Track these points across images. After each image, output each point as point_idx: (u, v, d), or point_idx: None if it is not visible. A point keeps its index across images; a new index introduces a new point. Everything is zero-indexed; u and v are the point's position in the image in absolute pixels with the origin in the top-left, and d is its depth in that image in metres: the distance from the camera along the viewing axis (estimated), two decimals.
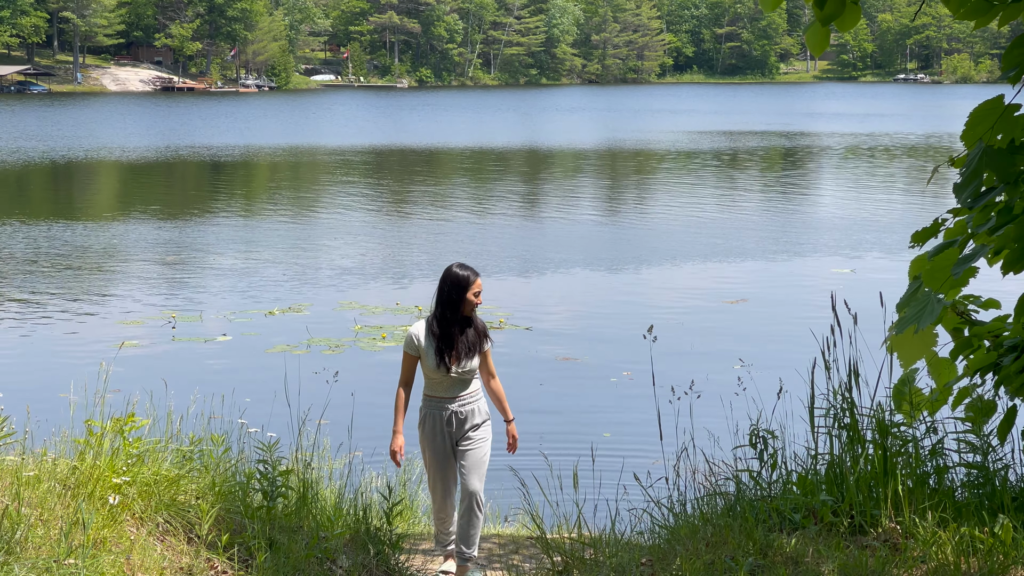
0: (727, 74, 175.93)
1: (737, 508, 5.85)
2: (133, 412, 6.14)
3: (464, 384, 6.86)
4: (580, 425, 11.40)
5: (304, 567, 5.58)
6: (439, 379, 6.79)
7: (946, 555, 5.03)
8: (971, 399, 5.76)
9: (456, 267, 6.90)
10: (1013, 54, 4.32)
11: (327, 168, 42.89)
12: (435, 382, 6.82)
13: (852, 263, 20.96)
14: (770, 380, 7.36)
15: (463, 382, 6.86)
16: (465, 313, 6.89)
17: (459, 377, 6.82)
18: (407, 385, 6.94)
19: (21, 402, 7.43)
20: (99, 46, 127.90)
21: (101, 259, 21.55)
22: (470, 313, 6.91)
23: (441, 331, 6.82)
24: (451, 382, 6.79)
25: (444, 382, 6.79)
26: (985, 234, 4.37)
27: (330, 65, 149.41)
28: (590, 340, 15.29)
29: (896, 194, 35.03)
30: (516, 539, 7.31)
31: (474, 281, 6.91)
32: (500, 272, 20.34)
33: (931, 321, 4.53)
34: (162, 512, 5.64)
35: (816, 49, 4.61)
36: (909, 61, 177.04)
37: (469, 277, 6.89)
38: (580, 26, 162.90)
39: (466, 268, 6.89)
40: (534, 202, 32.45)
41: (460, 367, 6.78)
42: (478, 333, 6.90)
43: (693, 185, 36.62)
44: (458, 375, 6.80)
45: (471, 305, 6.88)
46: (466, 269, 6.89)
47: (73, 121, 69.22)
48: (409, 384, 6.96)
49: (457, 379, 6.81)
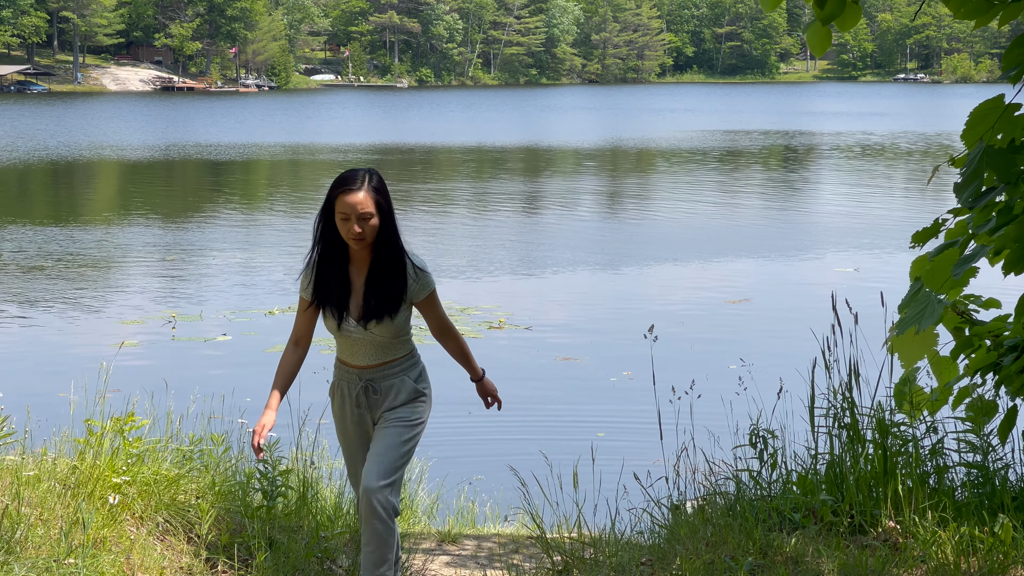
0: (727, 74, 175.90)
1: (737, 508, 5.85)
2: (133, 412, 6.14)
3: (383, 348, 4.94)
4: (580, 425, 11.40)
5: (304, 567, 5.59)
6: (345, 341, 4.98)
7: (946, 555, 5.03)
8: (972, 399, 5.76)
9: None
10: (1013, 54, 4.32)
11: (327, 167, 42.89)
12: (343, 344, 5.01)
13: (854, 262, 20.96)
14: (771, 380, 7.36)
15: (381, 346, 4.94)
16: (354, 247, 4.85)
17: (373, 339, 4.93)
18: (297, 343, 5.06)
19: (21, 402, 7.42)
20: (99, 46, 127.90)
21: (101, 259, 21.54)
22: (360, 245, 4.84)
23: (329, 275, 4.93)
24: (362, 345, 4.93)
25: (352, 345, 4.96)
26: (986, 234, 4.37)
27: (330, 65, 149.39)
28: (590, 340, 15.28)
29: (896, 194, 35.02)
30: (516, 539, 7.30)
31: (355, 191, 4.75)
32: (500, 272, 20.34)
33: (932, 322, 4.53)
34: (162, 512, 5.64)
35: (817, 49, 4.61)
36: (909, 61, 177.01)
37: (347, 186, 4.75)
38: (580, 26, 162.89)
39: (351, 172, 4.83)
40: (534, 201, 32.44)
41: (369, 327, 4.89)
42: (399, 275, 4.89)
43: (694, 184, 36.62)
44: (370, 337, 4.92)
45: (350, 233, 4.79)
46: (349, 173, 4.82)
47: (73, 121, 69.19)
48: (301, 342, 5.06)
49: (370, 341, 4.93)
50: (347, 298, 4.92)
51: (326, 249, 4.93)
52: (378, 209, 4.82)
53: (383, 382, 4.98)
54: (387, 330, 4.90)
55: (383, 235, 4.89)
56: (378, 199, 4.82)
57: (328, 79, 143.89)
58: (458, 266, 20.67)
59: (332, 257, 4.94)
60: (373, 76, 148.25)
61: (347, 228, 4.79)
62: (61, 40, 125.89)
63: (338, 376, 5.09)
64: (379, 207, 4.83)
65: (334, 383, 5.12)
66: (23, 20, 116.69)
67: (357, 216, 4.77)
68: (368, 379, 4.99)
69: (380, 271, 4.88)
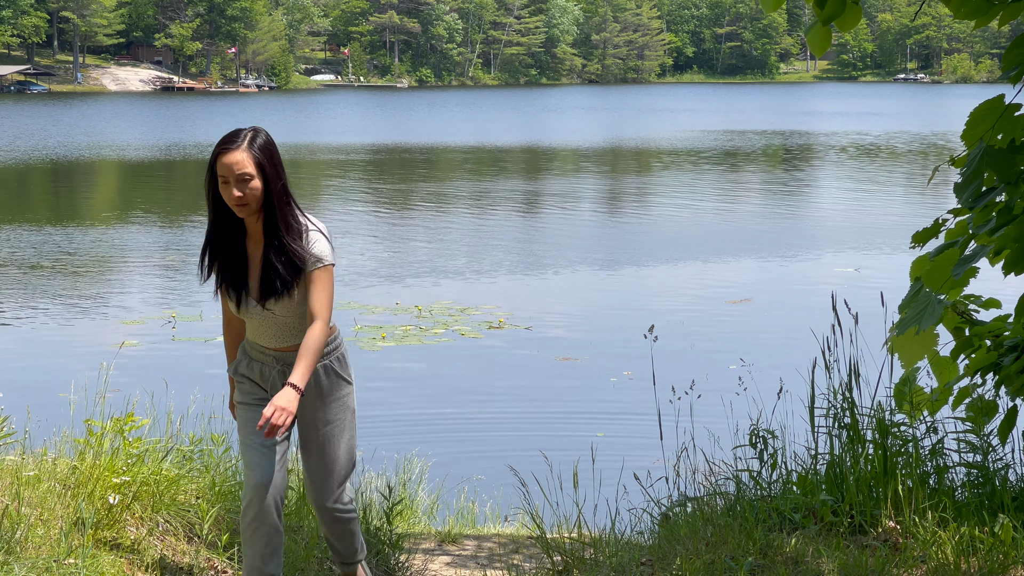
0: (727, 74, 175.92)
1: (737, 508, 5.85)
2: (133, 412, 6.14)
3: (293, 329, 4.49)
4: (580, 425, 11.40)
5: (304, 567, 5.58)
6: (251, 322, 4.55)
7: (946, 555, 5.03)
8: (972, 399, 5.76)
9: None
10: (1013, 54, 4.32)
11: (327, 167, 42.88)
12: (250, 324, 4.58)
13: (854, 262, 20.96)
14: (771, 380, 7.35)
15: (290, 327, 4.49)
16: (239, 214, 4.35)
17: (277, 319, 4.49)
18: (230, 323, 4.76)
19: (21, 402, 7.43)
20: (99, 46, 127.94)
21: (101, 259, 21.54)
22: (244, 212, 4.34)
23: (223, 250, 4.48)
24: (269, 326, 4.50)
25: (259, 326, 4.53)
26: (986, 234, 4.37)
27: (330, 65, 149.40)
28: (590, 340, 15.28)
29: (897, 194, 35.02)
30: (516, 539, 7.30)
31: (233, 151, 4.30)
32: (500, 272, 20.33)
33: (932, 322, 4.53)
34: (162, 512, 5.64)
35: (817, 49, 4.61)
36: (909, 61, 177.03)
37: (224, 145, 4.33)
38: (580, 26, 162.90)
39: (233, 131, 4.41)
40: (534, 201, 32.44)
41: (268, 306, 4.45)
42: (293, 247, 4.37)
43: (694, 184, 36.62)
44: (272, 317, 4.48)
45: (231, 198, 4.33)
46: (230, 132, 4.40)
47: (73, 121, 69.20)
48: (233, 322, 4.75)
49: (276, 322, 4.49)
50: (244, 275, 4.46)
51: (218, 221, 4.46)
52: (260, 170, 4.33)
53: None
54: (288, 309, 4.44)
55: (270, 200, 4.37)
56: (260, 159, 4.34)
57: (328, 79, 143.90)
58: (458, 266, 20.68)
59: (226, 230, 4.48)
60: (373, 76, 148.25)
61: (228, 192, 4.32)
62: (61, 40, 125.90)
63: (249, 357, 4.62)
64: (261, 168, 4.33)
65: (241, 364, 4.64)
66: (23, 20, 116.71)
67: (235, 178, 4.29)
68: (285, 362, 4.53)
69: (274, 243, 4.38)
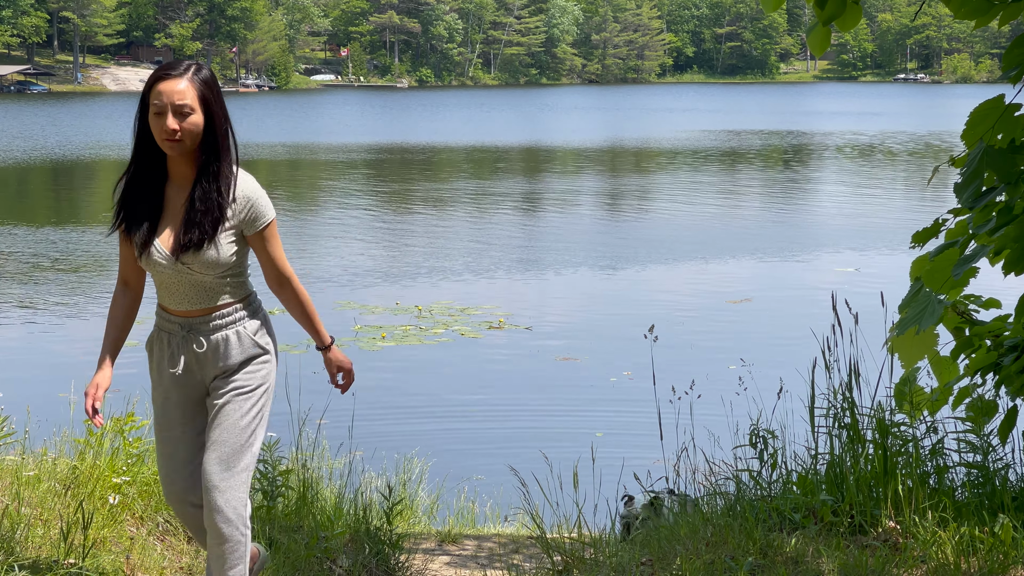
0: (727, 74, 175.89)
1: (737, 508, 5.85)
2: (133, 412, 6.15)
3: (208, 291, 4.02)
4: (580, 425, 11.41)
5: (304, 567, 5.58)
6: (159, 279, 4.05)
7: (946, 555, 5.03)
8: (972, 399, 5.76)
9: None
10: (1013, 54, 4.32)
11: (326, 167, 42.89)
12: (158, 283, 4.08)
13: (854, 262, 20.96)
14: (771, 380, 7.35)
15: (204, 287, 4.02)
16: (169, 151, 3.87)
17: (192, 278, 4.00)
18: (126, 284, 4.17)
19: (21, 402, 7.43)
20: (99, 46, 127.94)
21: (101, 258, 21.54)
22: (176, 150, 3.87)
23: (140, 192, 3.97)
24: (181, 285, 4.01)
25: (169, 285, 4.02)
26: (986, 234, 4.37)
27: (330, 65, 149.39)
28: (590, 340, 15.29)
29: (897, 194, 35.03)
30: (516, 539, 7.31)
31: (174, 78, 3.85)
32: (500, 272, 20.34)
33: (932, 322, 4.53)
34: (162, 512, 5.64)
35: (817, 49, 4.61)
36: (909, 61, 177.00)
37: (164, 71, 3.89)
38: (580, 26, 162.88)
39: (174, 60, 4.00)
40: (534, 201, 32.44)
41: (184, 259, 3.95)
42: (223, 196, 3.91)
43: (694, 184, 36.62)
44: (188, 273, 3.99)
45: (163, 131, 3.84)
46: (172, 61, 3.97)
47: (73, 121, 69.21)
48: (130, 282, 4.16)
49: (189, 281, 4.00)
50: (157, 221, 3.96)
51: (140, 162, 3.97)
52: (203, 104, 3.89)
53: (211, 334, 4.04)
54: (207, 266, 3.95)
55: (208, 141, 3.92)
56: (204, 92, 3.91)
57: (328, 79, 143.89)
58: (458, 266, 20.68)
59: (146, 171, 3.98)
60: (373, 76, 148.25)
61: (160, 125, 3.83)
62: (61, 40, 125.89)
63: (157, 326, 4.14)
64: (204, 102, 3.89)
65: (151, 336, 4.17)
66: (23, 20, 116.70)
67: (173, 108, 3.83)
68: (191, 328, 4.04)
69: (204, 189, 3.91)
